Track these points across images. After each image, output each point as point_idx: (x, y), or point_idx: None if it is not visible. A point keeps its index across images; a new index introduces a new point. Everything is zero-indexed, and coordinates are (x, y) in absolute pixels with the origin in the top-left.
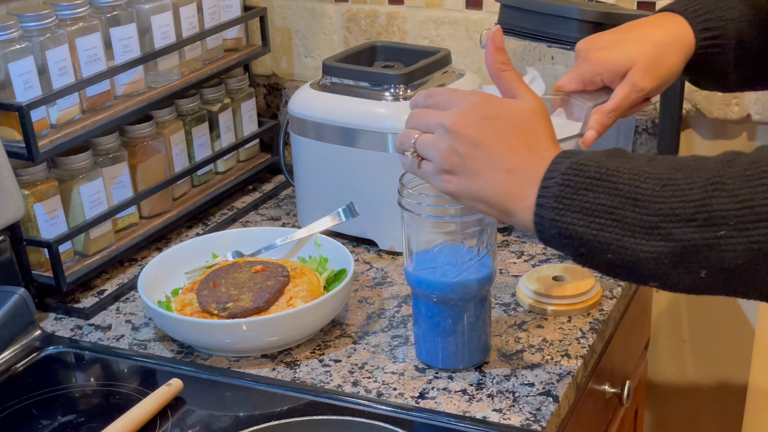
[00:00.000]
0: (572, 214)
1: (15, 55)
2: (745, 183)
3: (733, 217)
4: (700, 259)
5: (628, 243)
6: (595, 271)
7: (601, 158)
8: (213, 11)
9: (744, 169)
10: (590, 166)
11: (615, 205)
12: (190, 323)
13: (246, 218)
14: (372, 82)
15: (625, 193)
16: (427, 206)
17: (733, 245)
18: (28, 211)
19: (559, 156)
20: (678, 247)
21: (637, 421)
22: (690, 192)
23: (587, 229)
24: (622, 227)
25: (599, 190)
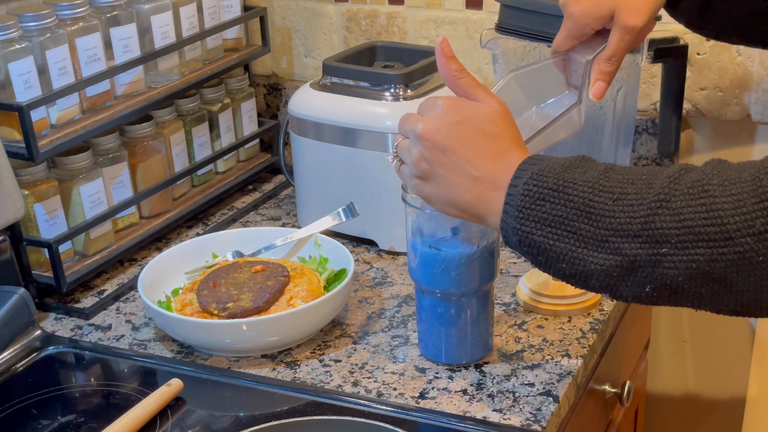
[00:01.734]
0: (531, 223)
1: (15, 55)
2: (687, 202)
3: (675, 236)
4: (646, 275)
5: (581, 254)
6: (553, 277)
7: (561, 169)
8: (213, 11)
9: (688, 187)
10: (549, 177)
11: (570, 217)
12: (190, 323)
13: (246, 218)
14: (372, 82)
15: (580, 206)
16: None
17: (674, 263)
18: (28, 211)
19: (524, 163)
20: (625, 262)
21: (637, 421)
22: (638, 208)
23: (545, 239)
24: (576, 239)
25: (556, 202)
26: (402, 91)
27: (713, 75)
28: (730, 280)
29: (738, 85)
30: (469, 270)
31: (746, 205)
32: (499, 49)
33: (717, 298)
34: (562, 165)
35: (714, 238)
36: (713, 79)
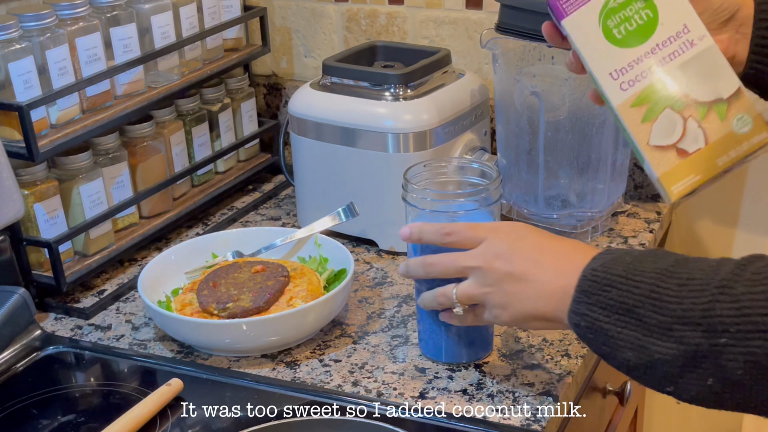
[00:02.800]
0: (599, 309)
1: (15, 55)
2: (748, 289)
3: (733, 324)
4: (707, 366)
5: (646, 342)
6: (620, 370)
7: (631, 258)
8: (213, 11)
9: (752, 273)
10: (619, 265)
11: (637, 304)
12: (190, 323)
13: (246, 218)
14: (372, 82)
15: (646, 292)
16: (432, 201)
17: (734, 355)
18: (28, 211)
19: (596, 257)
20: (688, 352)
21: (637, 421)
22: (701, 294)
23: (611, 326)
24: (642, 327)
25: (624, 288)
26: (402, 91)
27: None
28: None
29: None
30: None
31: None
32: (499, 49)
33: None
34: (633, 254)
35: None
36: None
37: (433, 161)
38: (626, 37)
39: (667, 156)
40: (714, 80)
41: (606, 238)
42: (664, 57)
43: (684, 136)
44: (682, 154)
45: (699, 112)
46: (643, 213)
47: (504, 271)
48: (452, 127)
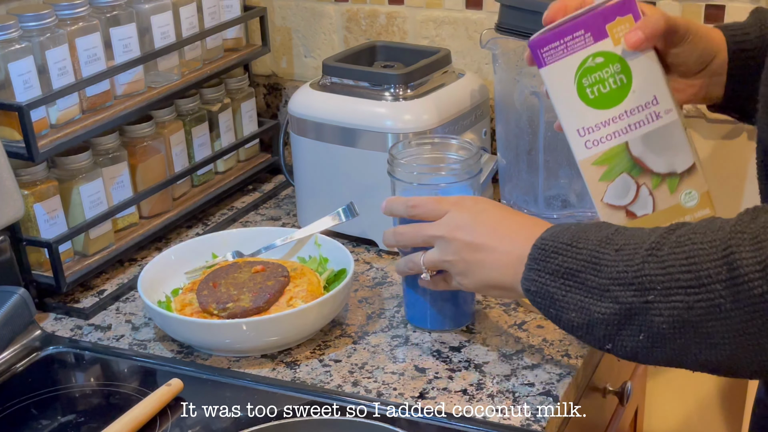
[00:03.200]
0: (546, 275)
1: (15, 55)
2: (673, 249)
3: (660, 282)
4: (639, 322)
5: (587, 303)
6: (565, 330)
7: (577, 228)
8: (213, 11)
9: (678, 236)
10: (565, 233)
11: (579, 269)
12: (190, 323)
13: (246, 218)
14: (372, 82)
15: (587, 257)
16: (419, 174)
17: (660, 310)
18: (28, 211)
19: (547, 229)
20: (623, 310)
21: (637, 421)
22: (634, 256)
23: (557, 290)
24: (584, 289)
25: (568, 254)
26: (402, 91)
27: None
28: (707, 330)
29: None
30: None
31: (717, 251)
32: (499, 49)
33: (699, 351)
34: (579, 225)
35: (690, 285)
36: None
37: (416, 139)
38: (598, 98)
39: (617, 214)
40: (672, 154)
41: None
42: (630, 124)
43: (635, 200)
44: (630, 215)
45: (652, 182)
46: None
47: (465, 241)
48: (452, 127)
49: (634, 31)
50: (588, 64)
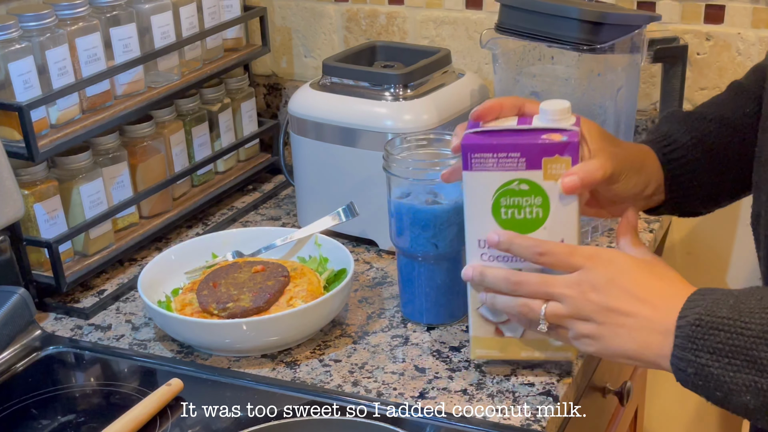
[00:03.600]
0: (707, 354)
1: (15, 55)
2: None
3: None
4: None
5: (764, 384)
6: (735, 414)
7: (734, 298)
8: (213, 11)
9: None
10: (723, 307)
11: (749, 346)
12: (190, 323)
13: (246, 218)
14: (372, 82)
15: (759, 333)
16: (414, 170)
17: None
18: (28, 211)
19: (695, 294)
20: None
21: (637, 421)
22: None
23: (722, 371)
24: (758, 368)
25: (732, 330)
26: (402, 91)
27: (713, 75)
28: None
29: None
30: (447, 232)
31: None
32: (499, 49)
33: None
34: (734, 294)
35: None
36: (713, 79)
37: (411, 135)
38: (510, 221)
39: (486, 327)
40: None
41: (606, 239)
42: None
43: (507, 322)
44: (498, 333)
45: None
46: (643, 213)
47: (600, 304)
48: (452, 127)
49: (572, 176)
50: (512, 186)
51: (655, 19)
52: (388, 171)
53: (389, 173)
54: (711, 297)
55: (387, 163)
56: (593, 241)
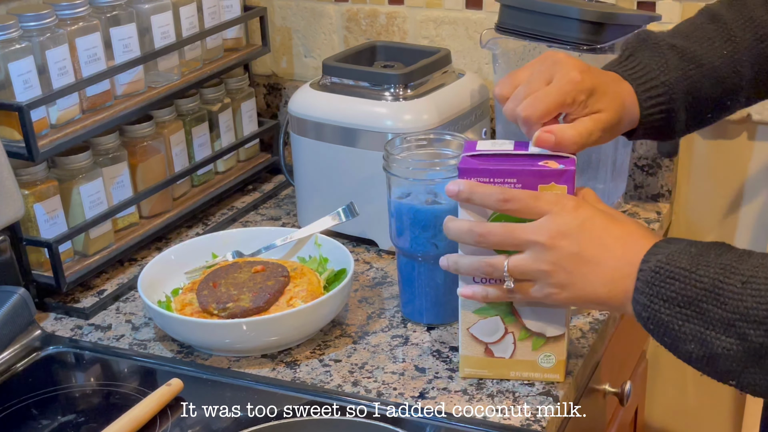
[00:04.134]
0: (660, 302)
1: (15, 55)
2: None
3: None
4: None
5: (708, 336)
6: (682, 360)
7: (696, 250)
8: (213, 11)
9: None
10: (683, 257)
11: (699, 298)
12: (190, 323)
13: (246, 218)
14: (372, 82)
15: (708, 286)
16: (414, 170)
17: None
18: (28, 211)
19: (660, 242)
20: (751, 349)
21: (637, 421)
22: (766, 294)
23: (673, 319)
24: (704, 320)
25: (686, 281)
26: (402, 91)
27: None
28: None
29: None
30: None
31: None
32: (499, 49)
33: None
34: (697, 247)
35: None
36: None
37: (411, 134)
38: None
39: (476, 346)
40: (548, 321)
41: None
42: None
43: (499, 342)
44: (488, 353)
45: (520, 334)
46: (643, 213)
47: (569, 251)
48: (452, 127)
49: (549, 134)
50: None
51: (655, 19)
52: (388, 171)
53: (389, 173)
54: (674, 246)
55: (387, 163)
56: None
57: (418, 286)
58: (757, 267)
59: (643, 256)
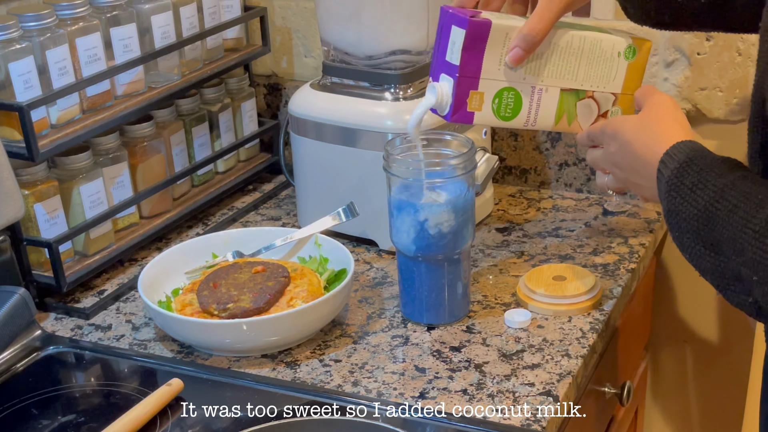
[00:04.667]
0: (667, 210)
1: (15, 55)
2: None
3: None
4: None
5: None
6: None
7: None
8: (213, 11)
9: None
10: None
11: (694, 216)
12: (190, 323)
13: (246, 218)
14: (372, 82)
15: (702, 209)
16: (414, 170)
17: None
18: (29, 211)
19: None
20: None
21: (637, 421)
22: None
23: (675, 228)
24: (697, 237)
25: (687, 199)
26: (402, 91)
27: (713, 75)
28: None
29: (738, 85)
30: (447, 231)
31: None
32: None
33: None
34: (706, 162)
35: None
36: (713, 79)
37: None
38: None
39: None
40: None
41: (606, 238)
42: None
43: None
44: None
45: None
46: (643, 213)
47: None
48: (452, 127)
49: (515, 48)
50: None
51: None
52: (388, 171)
53: (389, 173)
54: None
55: (387, 163)
56: None
57: (418, 286)
58: (743, 196)
59: (665, 155)
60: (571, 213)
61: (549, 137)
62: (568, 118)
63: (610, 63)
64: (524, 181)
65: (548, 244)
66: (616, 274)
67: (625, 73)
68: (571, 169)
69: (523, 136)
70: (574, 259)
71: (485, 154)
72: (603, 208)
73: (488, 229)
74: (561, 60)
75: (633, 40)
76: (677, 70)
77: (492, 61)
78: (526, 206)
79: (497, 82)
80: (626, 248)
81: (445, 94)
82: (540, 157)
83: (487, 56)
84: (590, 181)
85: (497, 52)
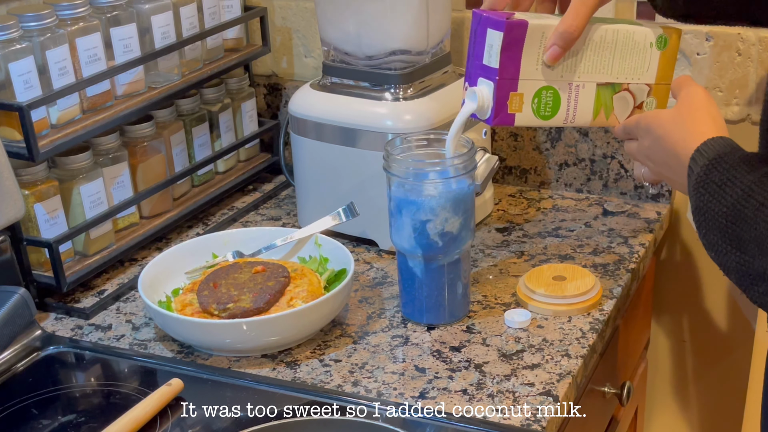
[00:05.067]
0: (694, 207)
1: (15, 55)
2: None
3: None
4: None
5: (725, 249)
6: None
7: (734, 162)
8: (213, 11)
9: None
10: (718, 171)
11: (721, 213)
12: (190, 323)
13: (246, 218)
14: (372, 82)
15: (731, 207)
16: (414, 170)
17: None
18: (29, 211)
19: (707, 144)
20: (758, 270)
21: (637, 421)
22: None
23: (701, 226)
24: (723, 234)
25: (716, 196)
26: (402, 91)
27: (713, 75)
28: None
29: (738, 85)
30: (447, 231)
31: None
32: None
33: None
34: (735, 159)
35: None
36: (713, 79)
37: (411, 134)
38: None
39: None
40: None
41: (606, 238)
42: None
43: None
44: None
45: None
46: (643, 213)
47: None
48: None
49: (552, 47)
50: None
51: None
52: (388, 171)
53: (389, 173)
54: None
55: (387, 163)
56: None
57: (418, 286)
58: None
59: (695, 152)
60: (571, 213)
61: (549, 137)
62: (606, 112)
63: (643, 54)
64: (524, 181)
65: (548, 244)
66: (616, 274)
67: (657, 63)
68: (571, 169)
69: (522, 136)
70: (574, 259)
71: (485, 154)
72: (603, 208)
73: (488, 229)
74: (596, 55)
75: (663, 30)
76: (677, 70)
77: (529, 62)
78: (526, 206)
79: (536, 82)
80: (626, 248)
81: (485, 98)
82: (540, 157)
83: (524, 57)
84: (590, 181)
85: (534, 52)
